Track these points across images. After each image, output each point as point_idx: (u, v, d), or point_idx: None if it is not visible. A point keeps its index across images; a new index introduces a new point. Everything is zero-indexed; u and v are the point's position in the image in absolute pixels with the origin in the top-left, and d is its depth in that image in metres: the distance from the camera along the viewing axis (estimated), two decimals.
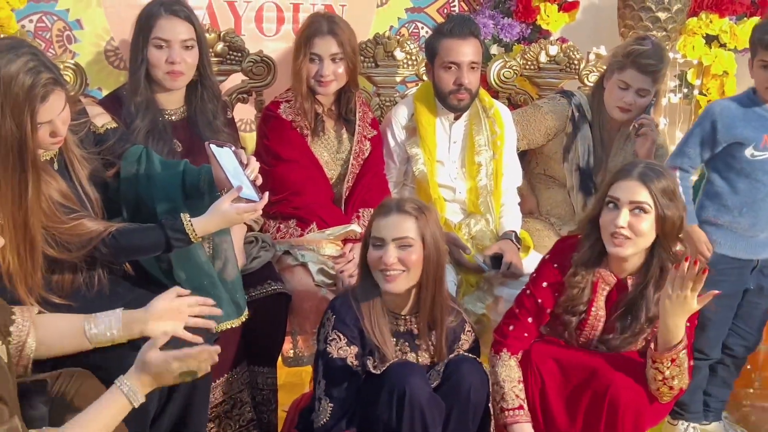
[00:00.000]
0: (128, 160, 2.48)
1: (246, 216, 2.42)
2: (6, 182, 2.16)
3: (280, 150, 3.10)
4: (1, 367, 1.91)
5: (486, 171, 3.29)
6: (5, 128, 2.12)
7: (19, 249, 2.19)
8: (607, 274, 2.65)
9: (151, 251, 2.42)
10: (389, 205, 2.51)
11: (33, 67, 2.13)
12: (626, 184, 2.53)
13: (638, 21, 3.85)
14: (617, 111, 3.28)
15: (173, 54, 2.80)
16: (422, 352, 2.58)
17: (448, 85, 3.17)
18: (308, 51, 3.07)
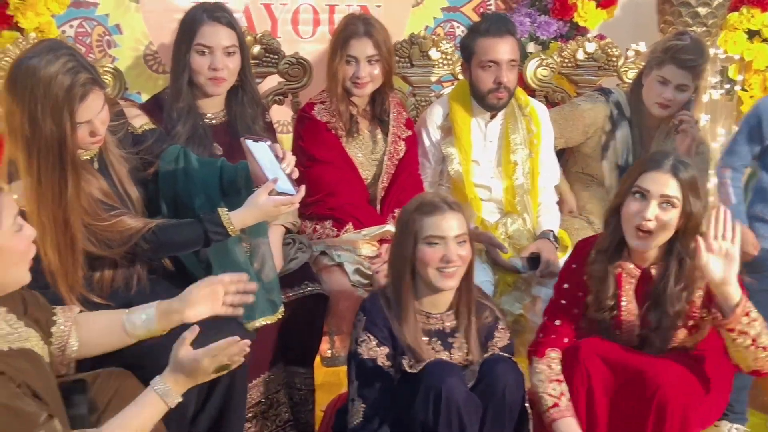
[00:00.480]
0: (166, 159, 2.51)
1: (283, 209, 2.44)
2: (46, 181, 2.20)
3: (315, 151, 3.12)
4: (43, 367, 1.94)
5: (522, 170, 3.26)
6: (45, 128, 2.16)
7: (59, 247, 2.24)
8: (629, 267, 2.62)
9: (190, 246, 2.45)
10: (438, 203, 2.49)
11: (71, 68, 2.18)
12: (658, 176, 2.49)
13: (678, 17, 3.81)
14: (656, 107, 3.25)
15: (216, 60, 2.82)
16: (455, 350, 2.57)
17: (487, 84, 3.15)
18: (344, 53, 3.08)
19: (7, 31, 3.20)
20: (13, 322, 1.94)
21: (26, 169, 2.21)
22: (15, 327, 1.93)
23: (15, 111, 2.17)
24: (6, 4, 3.17)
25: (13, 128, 2.20)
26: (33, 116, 2.15)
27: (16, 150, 2.22)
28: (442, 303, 2.58)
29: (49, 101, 2.15)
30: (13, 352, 1.85)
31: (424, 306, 2.56)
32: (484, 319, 2.61)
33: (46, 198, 2.21)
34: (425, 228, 2.47)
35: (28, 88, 2.15)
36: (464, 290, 2.55)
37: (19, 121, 2.17)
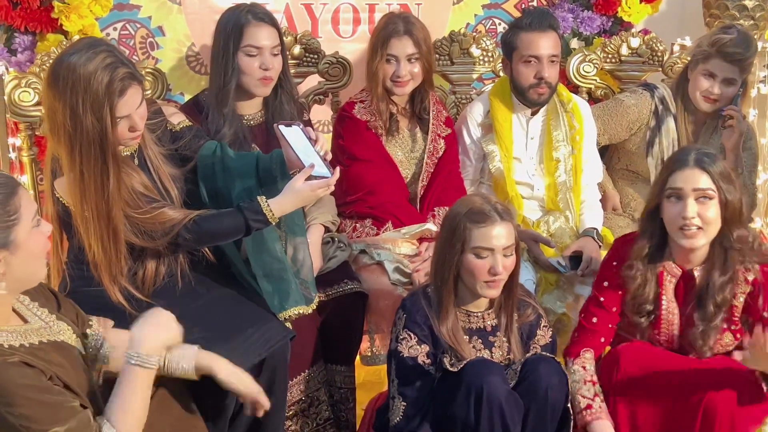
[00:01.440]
0: (204, 154, 2.54)
1: (320, 192, 2.45)
2: (89, 174, 2.26)
3: (355, 150, 3.12)
4: (76, 359, 1.97)
5: (565, 167, 3.23)
6: (86, 123, 2.21)
7: (102, 238, 2.30)
8: (671, 266, 2.58)
9: (231, 235, 2.47)
10: (489, 213, 2.43)
11: (110, 63, 2.22)
12: (686, 173, 2.46)
13: (724, 10, 3.73)
14: (703, 102, 3.21)
15: (266, 61, 2.83)
16: (496, 348, 2.55)
17: (528, 79, 3.12)
18: (384, 52, 3.07)
19: (51, 34, 3.25)
20: (45, 316, 1.97)
21: (69, 163, 2.26)
22: (47, 321, 1.97)
23: (57, 107, 2.22)
24: (51, 7, 3.22)
25: (55, 124, 2.25)
26: (74, 112, 2.20)
27: (59, 146, 2.27)
28: (484, 302, 2.56)
29: (90, 96, 2.20)
30: (45, 345, 1.89)
31: (465, 305, 2.55)
32: (526, 317, 2.58)
33: (89, 191, 2.27)
34: (474, 238, 2.43)
35: (69, 84, 2.20)
36: (507, 291, 2.52)
37: (61, 117, 2.22)
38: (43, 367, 1.83)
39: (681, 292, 2.59)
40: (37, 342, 1.88)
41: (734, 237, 2.50)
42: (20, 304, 1.95)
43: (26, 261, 1.84)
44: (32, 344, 1.86)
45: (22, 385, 1.77)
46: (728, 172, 2.48)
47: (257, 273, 2.51)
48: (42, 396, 1.80)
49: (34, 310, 1.97)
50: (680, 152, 2.61)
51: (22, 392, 1.77)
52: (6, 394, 1.75)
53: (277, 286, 2.51)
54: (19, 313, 1.94)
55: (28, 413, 1.77)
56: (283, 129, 2.43)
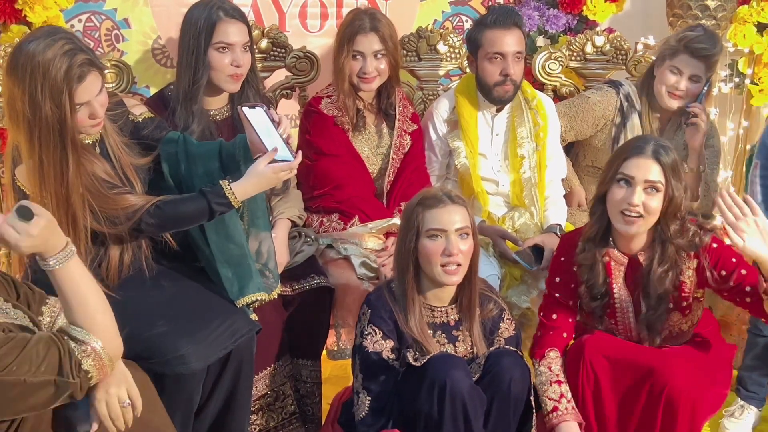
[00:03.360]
0: (167, 143, 2.53)
1: (283, 175, 2.45)
2: (48, 161, 2.26)
3: (322, 145, 3.12)
4: None
5: (529, 163, 3.25)
6: (45, 109, 2.21)
7: (61, 224, 2.23)
8: (616, 254, 2.63)
9: (195, 219, 2.46)
10: (440, 196, 2.49)
11: (69, 50, 2.22)
12: (641, 161, 2.51)
13: (687, 10, 3.78)
14: (668, 98, 3.25)
15: (237, 57, 2.81)
16: (459, 342, 2.57)
17: (493, 76, 3.14)
18: (350, 48, 3.07)
19: (15, 25, 3.20)
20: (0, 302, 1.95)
21: (28, 150, 2.26)
22: (3, 307, 1.95)
23: (16, 94, 2.22)
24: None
25: (15, 112, 2.24)
26: (33, 98, 2.20)
27: (19, 133, 2.27)
28: (446, 296, 2.58)
29: (48, 83, 2.19)
30: None
31: (428, 299, 2.57)
32: (488, 311, 2.61)
33: (48, 177, 2.27)
34: (427, 221, 2.46)
35: (28, 70, 2.19)
36: (467, 283, 2.54)
37: (20, 104, 2.22)
38: None
39: (630, 279, 2.64)
40: None
41: (671, 230, 2.55)
42: None
43: None
44: None
45: None
46: (678, 167, 2.53)
47: (218, 259, 2.51)
48: None
49: None
50: (638, 139, 2.64)
51: None
52: None
53: (236, 272, 2.51)
54: None
55: None
56: (246, 111, 2.43)
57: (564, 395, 2.58)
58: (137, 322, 2.31)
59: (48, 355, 1.80)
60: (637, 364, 2.56)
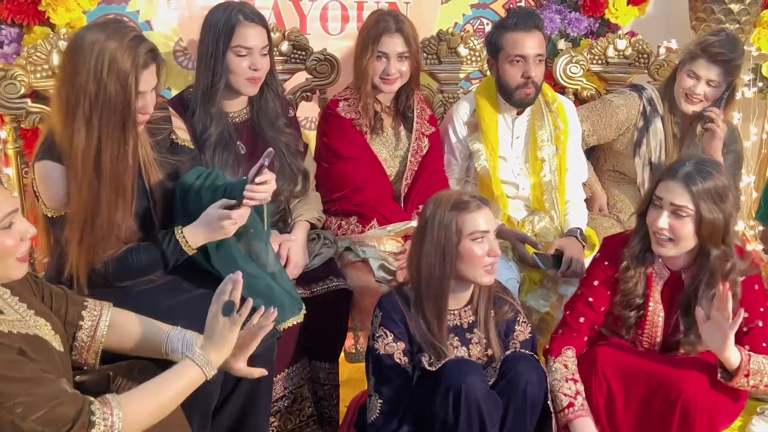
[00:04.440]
0: (189, 174, 2.50)
1: (226, 224, 2.37)
2: (107, 141, 2.27)
3: (340, 148, 3.12)
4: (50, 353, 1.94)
5: (549, 166, 3.24)
6: (110, 89, 2.24)
7: (113, 205, 2.30)
8: (660, 267, 2.59)
9: (150, 269, 2.44)
10: (471, 200, 2.48)
11: (136, 37, 2.30)
12: (670, 184, 2.46)
13: (710, 13, 3.74)
14: (684, 101, 3.24)
15: (256, 61, 2.81)
16: (473, 345, 2.56)
17: (515, 79, 3.13)
18: (375, 49, 3.07)
19: (38, 27, 3.24)
20: (22, 310, 1.96)
21: (86, 131, 2.26)
22: (24, 315, 1.95)
23: (80, 73, 2.23)
24: (38, 0, 3.20)
25: (74, 91, 2.24)
26: (98, 77, 2.23)
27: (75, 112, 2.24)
28: (463, 299, 2.57)
29: (116, 64, 2.23)
30: (14, 335, 1.86)
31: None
32: (503, 314, 2.60)
33: (105, 157, 2.27)
34: (468, 224, 2.45)
35: (95, 51, 2.23)
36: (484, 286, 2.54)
37: (83, 81, 2.23)
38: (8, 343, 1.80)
39: (667, 296, 2.60)
40: (6, 331, 1.85)
41: (712, 256, 2.49)
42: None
43: None
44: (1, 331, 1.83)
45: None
46: (719, 191, 2.44)
47: (245, 294, 2.45)
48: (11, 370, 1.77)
49: (13, 304, 1.95)
50: (677, 162, 2.57)
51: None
52: None
53: (268, 300, 2.45)
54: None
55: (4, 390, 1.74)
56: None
57: (579, 392, 2.55)
58: None
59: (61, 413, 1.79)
60: (650, 373, 2.54)
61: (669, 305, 2.60)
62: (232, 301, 2.01)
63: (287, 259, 2.84)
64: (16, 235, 1.86)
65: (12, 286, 1.97)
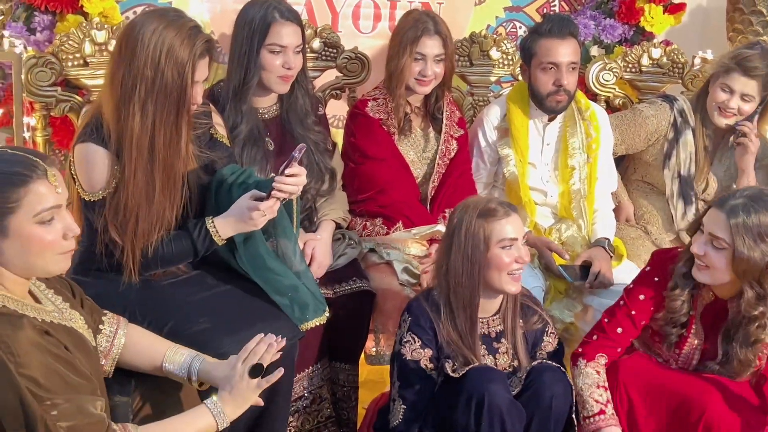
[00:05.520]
0: (225, 169, 2.49)
1: (255, 215, 2.35)
2: (160, 126, 2.27)
3: (368, 148, 3.09)
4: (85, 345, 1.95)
5: (579, 175, 3.20)
6: (167, 75, 2.25)
7: (163, 190, 2.31)
8: (705, 291, 2.54)
9: (180, 258, 2.42)
10: (497, 207, 2.46)
11: (194, 27, 2.31)
12: (714, 213, 2.40)
13: (748, 25, 3.70)
14: (717, 115, 3.19)
15: (289, 60, 2.79)
16: (500, 355, 2.54)
17: (546, 86, 3.10)
18: (414, 50, 3.04)
19: (71, 15, 3.24)
20: (58, 303, 1.96)
21: (141, 116, 2.25)
22: (60, 307, 1.95)
23: (139, 57, 2.24)
24: None
25: (131, 74, 2.24)
26: (156, 63, 2.24)
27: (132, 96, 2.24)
28: (493, 307, 2.55)
29: (174, 52, 2.24)
30: (56, 326, 1.86)
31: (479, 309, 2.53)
32: (532, 324, 2.57)
33: (159, 142, 2.27)
34: (497, 232, 2.44)
35: (154, 38, 2.24)
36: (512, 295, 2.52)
37: (140, 65, 2.23)
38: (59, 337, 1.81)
39: (708, 321, 2.55)
40: (49, 321, 1.86)
41: (746, 296, 2.40)
42: (35, 288, 1.94)
43: (21, 253, 1.80)
44: (44, 320, 1.84)
45: (39, 347, 1.75)
46: (764, 231, 2.33)
47: (269, 290, 2.45)
48: (58, 365, 1.77)
49: (49, 296, 1.96)
50: (733, 191, 2.50)
51: (38, 355, 1.74)
52: (20, 352, 1.71)
53: (293, 300, 2.46)
54: (34, 295, 1.92)
55: (37, 376, 1.73)
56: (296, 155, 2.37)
57: (609, 401, 2.52)
58: (181, 317, 2.33)
59: None
60: (673, 390, 2.50)
61: (709, 330, 2.55)
62: (261, 364, 2.02)
63: (311, 258, 2.82)
64: (58, 231, 1.84)
65: (46, 280, 1.97)
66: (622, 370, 2.56)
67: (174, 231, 2.40)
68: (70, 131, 3.23)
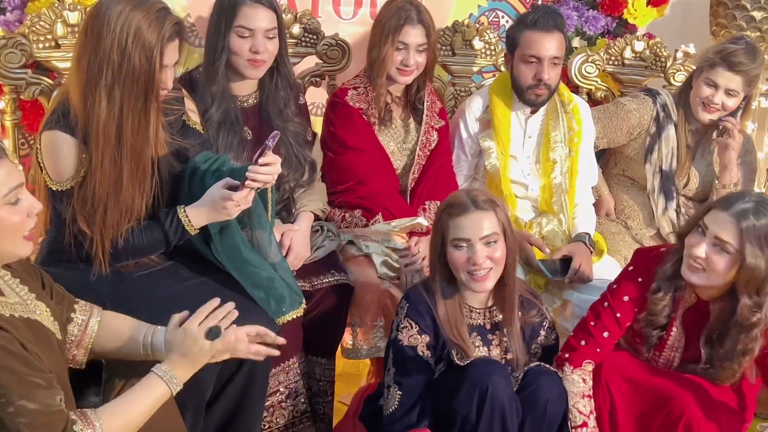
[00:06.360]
0: (198, 157, 2.43)
1: (229, 205, 2.29)
2: (128, 112, 2.21)
3: (347, 138, 3.03)
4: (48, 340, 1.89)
5: (561, 168, 3.16)
6: (134, 60, 2.18)
7: (132, 178, 2.24)
8: (688, 293, 2.51)
9: (152, 248, 2.37)
10: (464, 203, 2.43)
11: (162, 9, 2.23)
12: (720, 216, 2.33)
13: (731, 20, 3.67)
14: (701, 110, 3.16)
15: (257, 43, 2.73)
16: (494, 347, 2.52)
17: (526, 79, 3.05)
18: (396, 39, 2.97)
19: None
20: (23, 294, 1.89)
21: (107, 102, 2.19)
22: (25, 298, 1.89)
23: (105, 41, 2.16)
24: None
25: (96, 58, 2.18)
26: (123, 47, 2.17)
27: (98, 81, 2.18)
28: (483, 296, 2.53)
29: (141, 36, 2.17)
30: (16, 320, 1.80)
31: (466, 299, 2.52)
32: (530, 317, 2.56)
33: (126, 129, 2.21)
34: (451, 230, 2.42)
35: (121, 21, 2.16)
36: (502, 287, 2.49)
37: (107, 50, 2.16)
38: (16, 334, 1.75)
39: (689, 322, 2.53)
40: (8, 315, 1.79)
41: (740, 304, 2.36)
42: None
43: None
44: (2, 315, 1.77)
45: None
46: None
47: (245, 283, 2.41)
48: (11, 362, 1.71)
49: (14, 286, 1.88)
50: (736, 194, 2.46)
51: None
52: None
53: (268, 292, 2.42)
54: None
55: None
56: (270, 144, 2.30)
57: (593, 411, 2.50)
58: (153, 310, 2.25)
59: None
60: (654, 389, 2.48)
61: (691, 332, 2.53)
62: (219, 327, 2.00)
63: (288, 250, 2.77)
64: (23, 210, 1.79)
65: (13, 268, 1.91)
66: (605, 368, 2.54)
67: (145, 221, 2.33)
68: (40, 115, 3.13)
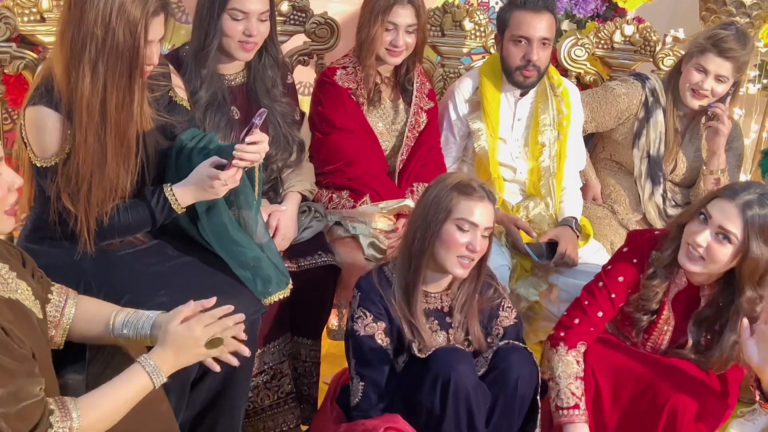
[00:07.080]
0: (185, 134, 2.40)
1: (216, 184, 2.27)
2: (112, 88, 2.16)
3: (335, 118, 3.01)
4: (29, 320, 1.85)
5: (549, 152, 3.15)
6: (118, 35, 2.13)
7: (116, 156, 2.21)
8: (679, 277, 2.51)
9: (138, 227, 2.34)
10: (477, 189, 2.39)
11: None
12: (725, 206, 2.32)
13: (721, 5, 3.66)
14: (690, 96, 3.16)
15: (251, 26, 2.68)
16: (453, 329, 2.49)
17: (515, 60, 3.03)
18: (385, 19, 2.94)
19: None
20: (4, 272, 1.85)
21: (91, 77, 2.15)
22: (5, 276, 1.85)
23: (88, 15, 2.12)
24: None
25: (80, 34, 2.13)
26: (107, 22, 2.12)
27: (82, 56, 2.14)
28: (445, 282, 2.50)
29: (125, 10, 2.12)
30: None
31: (425, 284, 2.48)
32: (487, 299, 2.53)
33: (111, 105, 2.17)
34: (461, 209, 2.36)
35: None
36: (473, 275, 2.47)
37: (91, 25, 2.12)
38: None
39: (679, 307, 2.53)
40: None
41: (742, 296, 2.37)
42: None
43: None
44: None
45: None
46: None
47: (231, 264, 2.38)
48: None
49: None
50: (742, 184, 2.45)
51: None
52: None
53: (255, 273, 2.40)
54: None
55: None
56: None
57: (584, 394, 2.50)
58: (138, 289, 2.25)
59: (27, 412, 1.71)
60: (640, 374, 2.49)
61: (681, 317, 2.53)
62: (221, 340, 1.96)
63: (275, 230, 2.75)
64: (3, 185, 1.76)
65: None
66: (590, 353, 2.54)
67: (131, 199, 2.30)
68: (24, 89, 3.09)
